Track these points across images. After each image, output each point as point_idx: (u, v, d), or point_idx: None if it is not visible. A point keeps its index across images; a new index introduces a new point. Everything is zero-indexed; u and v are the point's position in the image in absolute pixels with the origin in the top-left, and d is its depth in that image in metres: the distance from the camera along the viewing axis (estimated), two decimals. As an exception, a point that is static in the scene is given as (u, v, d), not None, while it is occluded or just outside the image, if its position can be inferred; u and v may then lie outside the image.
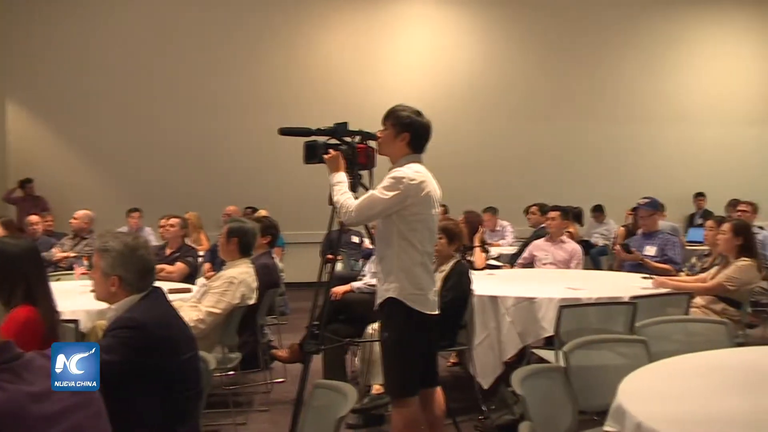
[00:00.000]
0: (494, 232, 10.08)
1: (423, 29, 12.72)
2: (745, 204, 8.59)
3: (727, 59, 13.53)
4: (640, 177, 12.51)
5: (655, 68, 13.23)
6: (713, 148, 13.26)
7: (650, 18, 13.20)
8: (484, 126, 12.53)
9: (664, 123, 13.16)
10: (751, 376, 2.90)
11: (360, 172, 3.95)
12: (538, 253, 7.02)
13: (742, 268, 5.28)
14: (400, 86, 11.92)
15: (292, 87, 12.03)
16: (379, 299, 3.71)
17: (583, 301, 4.84)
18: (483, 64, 12.72)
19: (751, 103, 13.50)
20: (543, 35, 12.88)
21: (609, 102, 13.02)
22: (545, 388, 2.94)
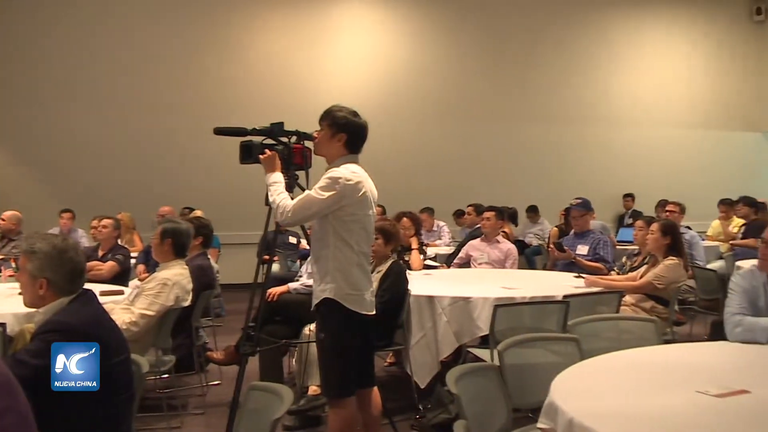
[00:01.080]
0: (431, 232, 10.15)
1: (360, 30, 12.73)
2: (673, 204, 8.85)
3: (657, 63, 13.89)
4: (572, 178, 12.75)
5: (588, 71, 13.51)
6: (643, 150, 13.60)
7: (582, 22, 13.47)
8: (420, 127, 12.61)
9: (596, 125, 13.44)
10: (678, 372, 2.98)
11: (296, 172, 3.93)
12: (473, 253, 7.09)
13: (670, 267, 5.43)
14: (337, 87, 11.90)
15: (228, 87, 11.90)
16: (315, 300, 3.70)
17: (517, 301, 4.90)
18: (419, 66, 12.79)
19: (680, 105, 13.90)
20: (478, 38, 13.02)
21: (543, 104, 13.24)
22: (480, 386, 2.97)
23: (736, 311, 3.45)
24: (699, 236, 8.92)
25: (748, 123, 14.12)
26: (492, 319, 4.50)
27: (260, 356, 5.21)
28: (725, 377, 2.79)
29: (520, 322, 4.54)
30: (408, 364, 5.13)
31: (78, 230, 9.34)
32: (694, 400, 2.52)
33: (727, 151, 13.95)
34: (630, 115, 13.64)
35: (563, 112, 13.31)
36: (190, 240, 5.17)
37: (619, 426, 2.30)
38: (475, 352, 4.93)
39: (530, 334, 3.61)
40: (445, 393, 4.71)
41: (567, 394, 2.58)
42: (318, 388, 4.80)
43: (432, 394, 5.02)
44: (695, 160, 13.72)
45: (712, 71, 14.10)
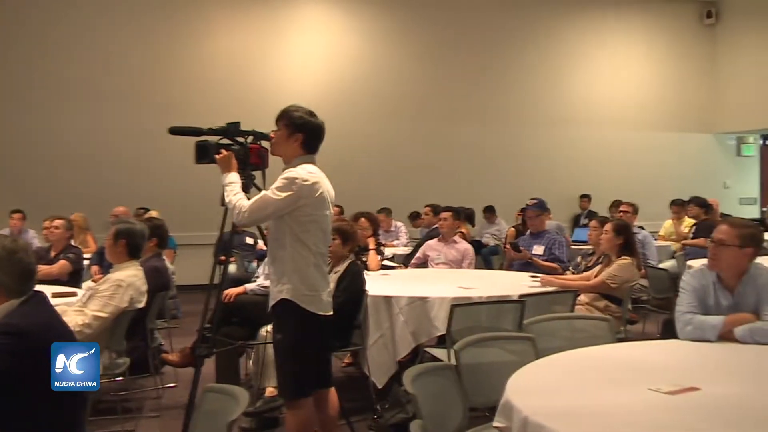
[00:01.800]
0: (388, 232, 10.17)
1: (318, 30, 12.70)
2: (626, 205, 8.98)
3: (611, 65, 14.09)
4: (529, 179, 12.88)
5: (544, 73, 13.65)
6: (598, 151, 13.79)
7: (538, 25, 13.60)
8: (378, 127, 12.62)
9: (552, 127, 13.58)
10: (630, 370, 3.03)
11: (253, 172, 3.91)
12: (431, 253, 7.12)
13: (623, 267, 5.52)
14: (294, 87, 11.88)
15: (184, 86, 11.79)
16: (272, 301, 3.69)
17: (474, 300, 4.93)
18: (376, 67, 12.81)
19: (634, 107, 14.11)
20: (436, 39, 13.07)
21: (500, 105, 13.34)
22: (437, 386, 2.98)
23: (687, 310, 3.52)
24: (651, 236, 9.08)
25: (699, 125, 14.40)
26: (449, 318, 4.53)
27: (216, 358, 5.16)
28: (676, 375, 2.85)
29: (477, 322, 4.57)
30: (365, 365, 5.13)
31: (29, 231, 9.17)
32: (646, 398, 2.56)
33: (679, 152, 14.21)
34: (586, 116, 13.81)
35: (520, 114, 13.43)
36: (145, 241, 5.11)
37: (572, 423, 2.33)
38: (433, 352, 4.95)
39: (486, 333, 3.63)
40: (402, 393, 4.72)
41: (522, 392, 2.61)
42: (275, 389, 4.78)
43: (389, 394, 5.03)
44: (648, 161, 13.95)
45: (665, 74, 14.34)
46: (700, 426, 2.34)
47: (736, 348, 3.32)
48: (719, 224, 3.73)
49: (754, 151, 14.92)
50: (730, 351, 3.29)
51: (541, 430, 2.27)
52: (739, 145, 14.82)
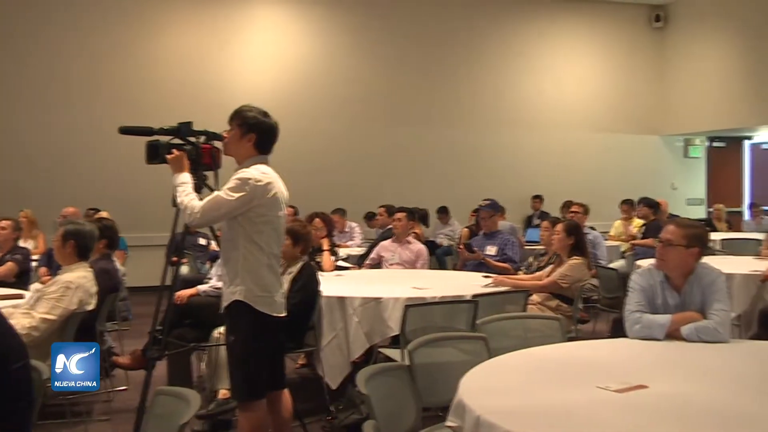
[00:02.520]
0: (343, 233, 10.16)
1: (272, 30, 12.64)
2: (577, 205, 9.11)
3: (562, 68, 14.26)
4: (483, 179, 12.98)
5: (497, 75, 13.76)
6: (550, 152, 13.95)
7: (490, 27, 13.71)
8: (331, 127, 12.61)
9: (505, 128, 13.71)
10: (581, 368, 3.08)
11: (205, 172, 3.88)
12: (385, 254, 7.13)
13: (574, 267, 5.60)
14: (248, 86, 11.81)
15: (136, 85, 11.65)
16: (224, 302, 3.66)
17: (427, 301, 4.95)
18: (329, 67, 12.79)
19: (584, 109, 14.30)
20: (389, 40, 13.10)
21: (454, 106, 13.42)
22: (390, 386, 2.99)
23: (635, 309, 3.59)
24: (602, 236, 9.22)
25: (648, 127, 14.65)
26: (402, 319, 4.54)
27: (168, 360, 5.11)
28: (625, 373, 2.89)
29: (431, 322, 4.59)
30: (319, 366, 5.12)
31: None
32: (595, 396, 2.60)
33: (628, 153, 14.45)
34: (537, 118, 13.96)
35: (473, 115, 13.53)
36: (94, 242, 5.03)
37: (523, 422, 2.36)
38: (386, 353, 4.96)
39: (439, 333, 3.65)
40: (356, 393, 4.72)
41: (474, 392, 2.63)
42: (228, 391, 4.74)
43: (343, 395, 5.03)
44: (599, 162, 14.16)
45: (615, 76, 14.57)
46: (647, 423, 2.38)
47: (682, 346, 3.39)
48: (667, 225, 3.81)
49: (700, 152, 15.24)
50: (676, 349, 3.36)
51: (492, 429, 2.29)
52: (686, 146, 15.12)
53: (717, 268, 3.69)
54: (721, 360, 3.21)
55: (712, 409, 2.52)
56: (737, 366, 3.13)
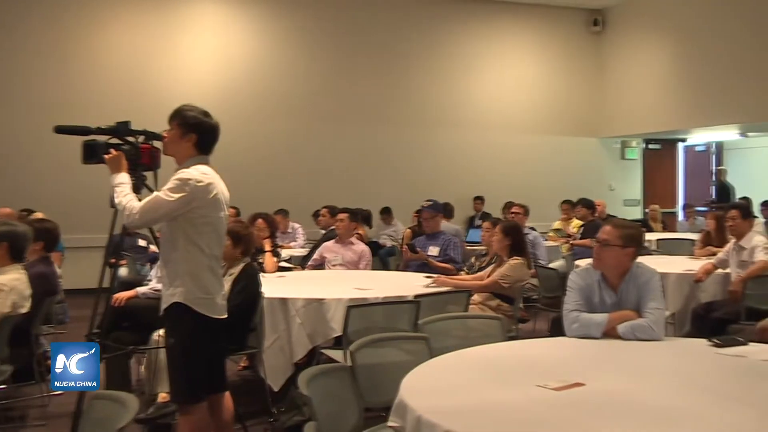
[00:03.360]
0: (285, 234, 10.10)
1: (212, 29, 12.50)
2: (518, 206, 9.24)
3: (504, 71, 14.43)
4: (425, 180, 13.05)
5: (438, 75, 13.85)
6: (491, 154, 14.10)
7: (435, 27, 13.79)
8: (274, 127, 12.54)
9: (448, 129, 13.80)
10: (520, 367, 3.13)
11: (144, 173, 3.82)
12: (328, 255, 7.12)
13: (514, 267, 5.67)
14: (189, 86, 11.67)
15: (73, 83, 11.41)
16: (164, 304, 3.61)
17: (370, 301, 4.95)
18: (274, 67, 12.71)
19: (525, 111, 14.50)
20: (334, 40, 13.09)
21: (397, 107, 13.46)
22: (332, 387, 2.99)
23: (573, 308, 3.66)
24: (542, 237, 9.36)
25: (586, 129, 14.92)
26: (345, 319, 4.54)
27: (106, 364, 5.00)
28: (563, 371, 2.95)
29: (373, 323, 4.60)
30: (261, 368, 5.09)
31: None
32: (534, 394, 2.65)
33: (568, 155, 14.69)
34: (479, 119, 14.09)
35: (417, 116, 13.59)
36: (29, 244, 4.91)
37: (464, 421, 2.38)
38: (329, 354, 4.95)
39: (382, 333, 3.67)
40: (298, 395, 4.70)
41: (416, 391, 2.65)
42: (167, 394, 4.66)
43: (286, 397, 5.01)
44: (539, 163, 14.37)
45: (554, 79, 14.80)
46: (583, 420, 2.43)
47: (619, 344, 3.47)
48: (603, 225, 3.89)
49: (637, 154, 15.59)
50: (613, 347, 3.44)
51: (433, 428, 2.31)
52: (624, 148, 15.45)
53: (652, 267, 3.79)
54: (655, 357, 3.29)
55: (647, 406, 2.58)
56: (671, 363, 3.22)
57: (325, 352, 5.00)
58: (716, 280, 6.34)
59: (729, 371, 3.06)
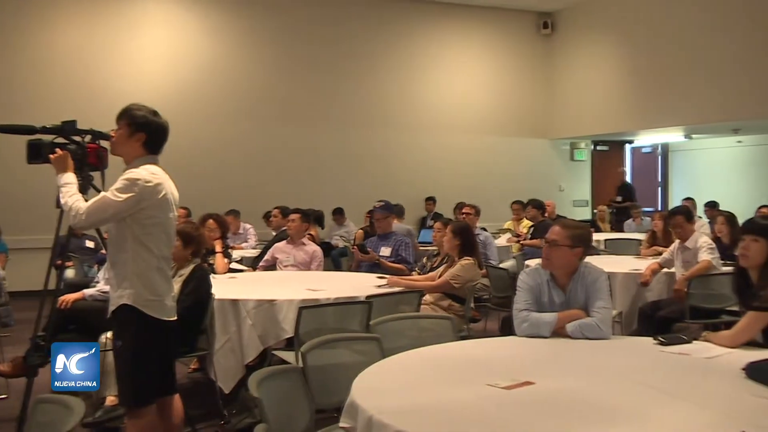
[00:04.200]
0: (237, 235, 10.02)
1: (163, 28, 12.34)
2: (469, 207, 9.31)
3: (455, 73, 14.53)
4: (377, 181, 13.08)
5: (392, 77, 13.89)
6: (443, 155, 14.18)
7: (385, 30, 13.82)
8: (225, 127, 12.43)
9: (400, 130, 13.85)
10: (471, 366, 3.15)
11: (91, 173, 3.76)
12: (279, 256, 7.08)
13: (465, 267, 5.71)
14: (139, 86, 11.52)
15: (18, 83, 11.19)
16: (112, 306, 3.55)
17: (322, 302, 4.95)
18: (225, 66, 12.60)
19: (477, 112, 14.62)
20: (285, 41, 13.03)
21: (349, 108, 13.46)
22: (283, 389, 2.98)
23: (523, 308, 3.70)
24: (492, 237, 9.45)
25: (536, 130, 15.11)
26: (296, 320, 4.53)
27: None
28: (513, 370, 2.98)
29: (325, 323, 4.60)
30: (212, 370, 5.05)
31: None
32: (484, 393, 2.67)
33: (518, 156, 14.86)
34: (432, 120, 14.16)
35: (369, 117, 13.61)
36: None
37: (415, 421, 2.39)
38: (281, 355, 4.93)
39: (333, 334, 3.66)
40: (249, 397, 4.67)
41: (367, 392, 2.65)
42: (115, 398, 4.60)
43: (237, 399, 4.97)
44: (490, 164, 14.50)
45: (505, 81, 14.95)
46: (533, 418, 2.46)
47: (567, 343, 3.52)
48: (553, 225, 3.94)
49: (585, 156, 15.83)
50: (562, 346, 3.49)
51: (384, 428, 2.32)
52: (573, 150, 15.68)
53: (600, 267, 3.85)
54: (603, 356, 3.35)
55: (594, 404, 2.62)
56: (618, 362, 3.27)
57: (276, 354, 4.98)
58: (662, 279, 6.48)
59: (673, 369, 3.13)
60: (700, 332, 3.66)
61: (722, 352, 3.28)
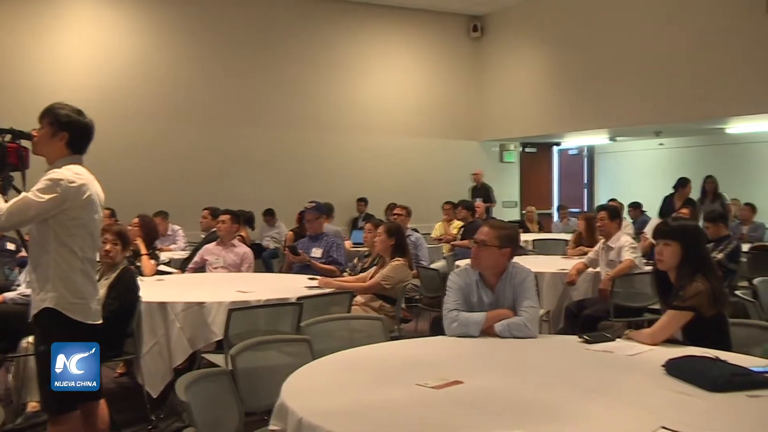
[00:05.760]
0: (165, 236, 9.85)
1: (86, 27, 12.01)
2: (400, 208, 9.38)
3: (387, 74, 14.57)
4: (308, 182, 13.01)
5: (323, 78, 13.83)
6: (374, 156, 14.20)
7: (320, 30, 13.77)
8: (154, 127, 12.19)
9: (331, 131, 13.81)
10: (401, 366, 3.17)
11: (11, 173, 3.64)
12: (209, 258, 7.00)
13: (396, 268, 5.75)
14: (62, 84, 11.20)
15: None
16: (34, 310, 3.45)
17: (252, 304, 4.91)
18: (152, 66, 12.35)
19: (408, 114, 14.69)
20: (216, 41, 12.84)
21: (280, 108, 13.35)
22: (211, 392, 2.94)
23: (452, 308, 3.74)
24: (423, 237, 9.52)
25: (466, 132, 15.26)
26: (226, 323, 4.49)
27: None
28: (442, 369, 3.01)
29: (255, 326, 4.57)
30: (139, 374, 4.97)
31: None
32: (414, 393, 2.70)
33: (449, 158, 14.98)
34: (363, 122, 14.17)
35: (301, 117, 13.52)
36: None
37: (345, 422, 2.40)
38: (210, 358, 4.88)
39: (263, 336, 3.64)
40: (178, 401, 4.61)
41: (297, 394, 2.65)
42: (37, 404, 4.49)
43: (165, 404, 4.90)
44: (422, 166, 14.58)
45: (436, 83, 15.06)
46: (461, 417, 2.49)
47: (496, 342, 3.58)
48: (481, 226, 4.00)
49: (514, 157, 16.07)
50: (491, 345, 3.54)
51: (314, 430, 2.32)
52: (502, 152, 15.90)
53: (527, 267, 3.92)
54: (530, 354, 3.42)
55: (521, 401, 2.67)
56: (544, 360, 3.34)
57: (205, 357, 4.93)
58: (587, 278, 6.64)
59: (597, 366, 3.21)
60: (624, 330, 3.75)
61: (644, 349, 3.38)
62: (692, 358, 3.00)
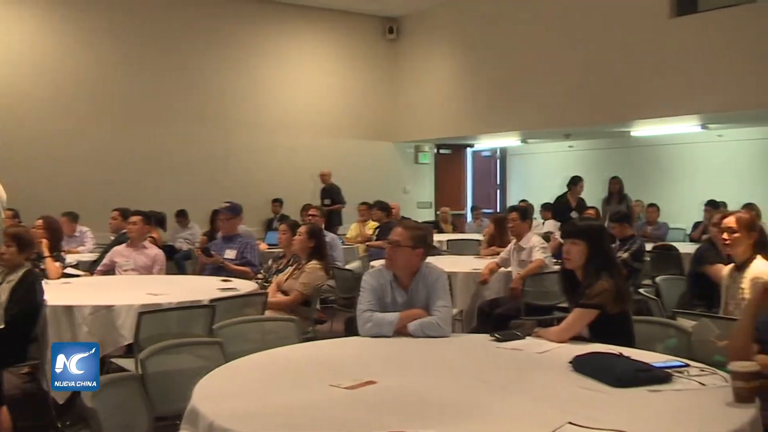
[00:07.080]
0: (72, 238, 9.55)
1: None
2: (314, 209, 9.38)
3: (303, 75, 14.51)
4: (223, 182, 12.83)
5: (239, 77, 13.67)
6: (289, 156, 14.11)
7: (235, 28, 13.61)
8: (61, 127, 11.80)
9: (246, 130, 13.66)
10: (314, 368, 3.17)
11: None
12: (118, 260, 6.83)
13: (311, 272, 5.75)
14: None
15: None
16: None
17: (163, 307, 4.82)
18: (62, 64, 11.97)
19: (326, 115, 14.66)
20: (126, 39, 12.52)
21: (192, 107, 13.13)
22: (120, 397, 2.88)
23: (366, 308, 3.76)
24: (339, 238, 9.53)
25: (382, 133, 15.33)
26: (136, 326, 4.39)
27: None
28: (356, 370, 3.03)
29: (167, 329, 4.49)
30: (44, 380, 4.79)
31: None
32: (328, 394, 2.70)
33: (364, 158, 15.02)
34: (279, 122, 14.07)
35: (214, 117, 13.33)
36: None
37: (257, 424, 2.39)
38: (120, 362, 4.76)
39: (174, 340, 3.58)
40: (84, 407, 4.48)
41: (208, 397, 2.62)
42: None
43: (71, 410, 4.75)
44: (337, 166, 14.55)
45: (351, 84, 15.08)
46: (373, 417, 2.50)
47: (409, 342, 3.62)
48: (396, 227, 4.03)
49: (429, 159, 16.23)
50: (404, 345, 3.58)
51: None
52: (417, 153, 16.04)
53: (440, 267, 3.98)
54: (443, 353, 3.47)
55: (434, 400, 2.71)
56: (457, 358, 3.40)
57: (115, 362, 4.80)
58: (499, 278, 6.77)
59: (508, 364, 3.28)
60: (534, 328, 3.84)
61: (552, 347, 3.47)
62: (598, 355, 3.10)
